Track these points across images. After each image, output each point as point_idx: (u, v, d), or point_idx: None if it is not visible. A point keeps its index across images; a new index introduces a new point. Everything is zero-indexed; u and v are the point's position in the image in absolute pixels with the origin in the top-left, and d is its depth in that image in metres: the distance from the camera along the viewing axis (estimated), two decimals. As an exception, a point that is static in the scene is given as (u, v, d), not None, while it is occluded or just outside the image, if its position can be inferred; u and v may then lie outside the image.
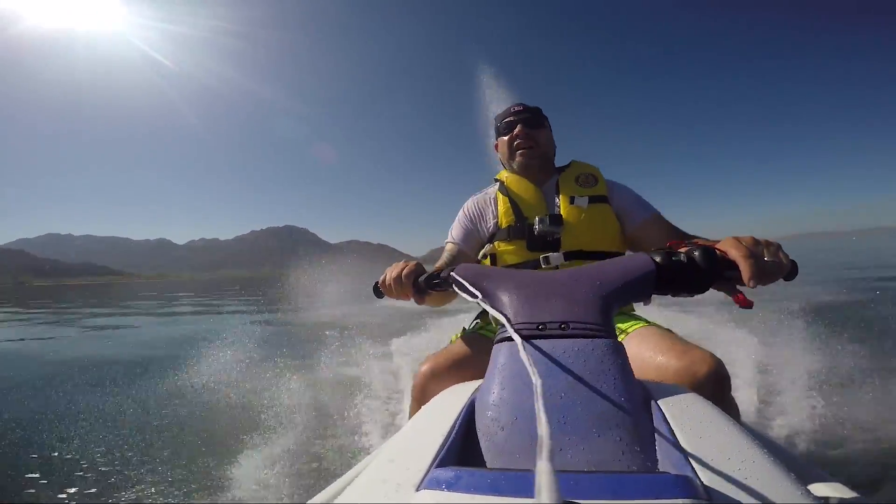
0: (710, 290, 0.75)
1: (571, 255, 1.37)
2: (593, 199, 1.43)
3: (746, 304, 0.74)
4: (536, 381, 0.40)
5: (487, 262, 1.48)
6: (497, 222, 1.48)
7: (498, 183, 1.58)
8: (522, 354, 0.44)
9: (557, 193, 1.47)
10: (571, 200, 1.42)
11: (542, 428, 0.30)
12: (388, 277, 1.05)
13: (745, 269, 0.69)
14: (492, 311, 0.69)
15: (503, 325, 0.67)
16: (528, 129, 1.53)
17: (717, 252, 0.73)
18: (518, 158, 1.53)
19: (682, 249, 0.74)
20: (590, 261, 1.32)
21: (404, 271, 1.03)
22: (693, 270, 0.72)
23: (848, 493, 0.67)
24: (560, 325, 0.62)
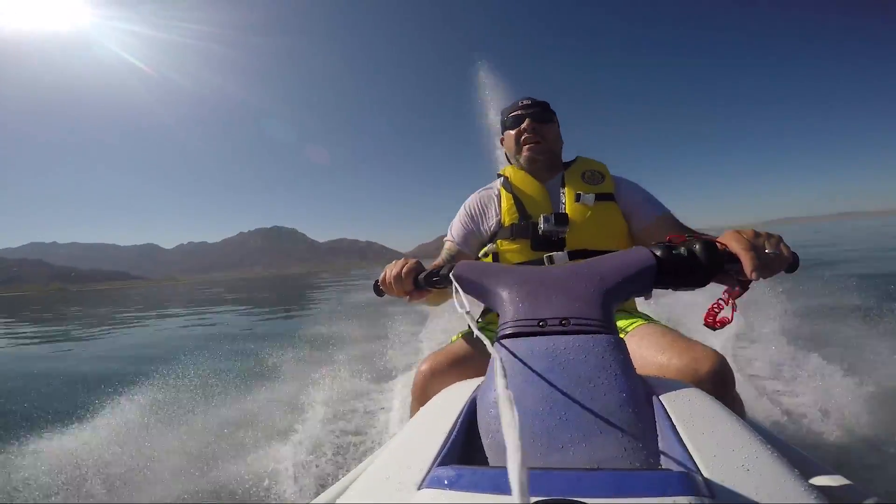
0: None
1: (576, 255, 1.34)
2: (599, 197, 1.40)
3: (718, 325, 0.79)
4: (500, 380, 0.38)
5: (490, 260, 1.45)
6: (500, 220, 1.45)
7: (501, 179, 1.55)
8: (494, 357, 0.43)
9: (563, 190, 1.44)
10: (577, 198, 1.39)
11: (511, 423, 0.29)
12: (387, 276, 1.05)
13: (746, 262, 0.69)
14: (473, 326, 0.69)
15: (503, 323, 0.66)
16: (536, 123, 1.50)
17: (718, 245, 0.73)
18: (525, 153, 1.50)
19: (683, 243, 0.74)
20: None
21: (404, 269, 1.03)
22: (694, 264, 0.71)
23: (846, 483, 0.68)
24: (561, 322, 0.62)
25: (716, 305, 0.81)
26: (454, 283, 0.81)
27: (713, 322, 0.81)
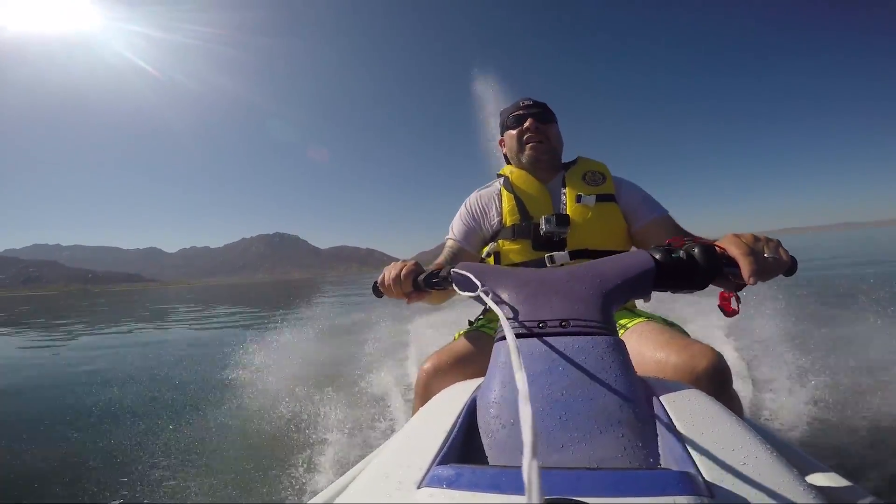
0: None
1: (577, 254, 1.34)
2: (600, 198, 1.40)
3: (731, 313, 0.80)
4: (523, 385, 0.38)
5: (491, 260, 1.46)
6: (501, 220, 1.45)
7: (502, 178, 1.54)
8: (513, 354, 0.44)
9: (564, 191, 1.44)
10: (578, 199, 1.39)
11: (527, 431, 0.29)
12: (386, 277, 1.06)
13: (745, 266, 0.69)
14: (492, 306, 0.69)
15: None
16: (539, 123, 1.50)
17: (717, 249, 0.73)
18: (528, 152, 1.49)
19: (682, 247, 0.75)
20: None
21: (403, 271, 1.04)
22: (692, 267, 0.72)
23: (843, 483, 0.68)
24: (560, 323, 0.63)
25: (727, 294, 0.82)
26: (454, 285, 0.81)
27: (727, 307, 0.82)
